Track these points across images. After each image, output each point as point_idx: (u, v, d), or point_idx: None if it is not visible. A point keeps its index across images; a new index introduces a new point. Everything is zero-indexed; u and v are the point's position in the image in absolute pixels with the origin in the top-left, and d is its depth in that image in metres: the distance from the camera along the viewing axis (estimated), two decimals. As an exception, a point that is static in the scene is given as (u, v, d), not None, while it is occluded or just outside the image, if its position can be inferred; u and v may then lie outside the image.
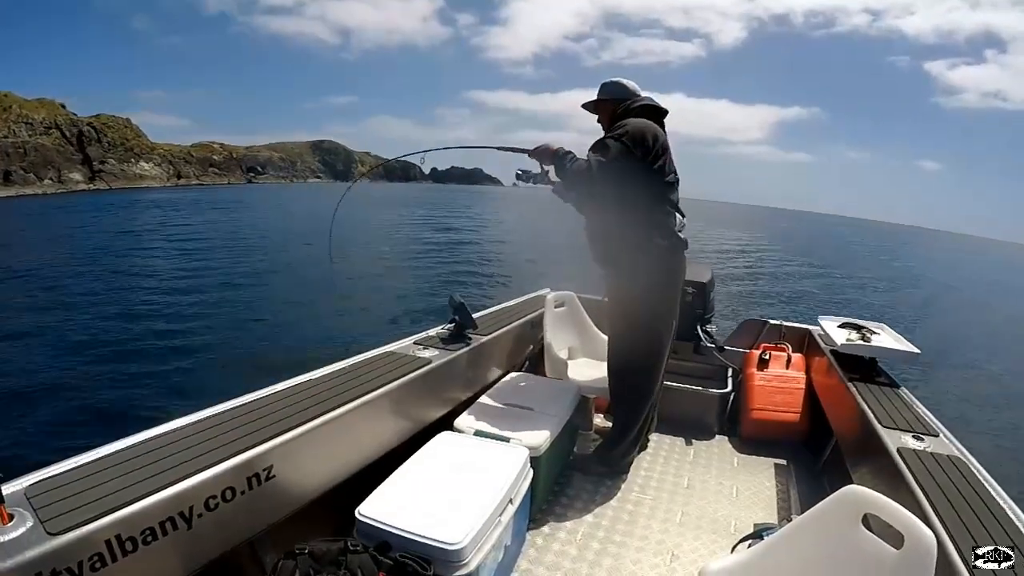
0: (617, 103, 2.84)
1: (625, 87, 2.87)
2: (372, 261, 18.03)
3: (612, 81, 2.90)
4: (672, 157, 2.74)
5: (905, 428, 2.40)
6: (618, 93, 2.87)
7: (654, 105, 2.80)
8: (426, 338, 3.06)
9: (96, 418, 6.51)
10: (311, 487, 2.01)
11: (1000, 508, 1.79)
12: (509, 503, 2.04)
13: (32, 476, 1.49)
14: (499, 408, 2.77)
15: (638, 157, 2.57)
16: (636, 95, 2.85)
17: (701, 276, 3.86)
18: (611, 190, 2.55)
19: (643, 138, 2.58)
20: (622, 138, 2.55)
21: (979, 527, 1.66)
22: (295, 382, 2.31)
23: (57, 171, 61.66)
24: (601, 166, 2.50)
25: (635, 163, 2.56)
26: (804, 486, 3.12)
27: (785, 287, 20.16)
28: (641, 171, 2.60)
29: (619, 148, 2.53)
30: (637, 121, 2.65)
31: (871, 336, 3.36)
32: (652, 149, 2.60)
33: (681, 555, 2.49)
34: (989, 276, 43.12)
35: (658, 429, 3.48)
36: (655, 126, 2.69)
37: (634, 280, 2.75)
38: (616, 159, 2.51)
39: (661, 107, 2.81)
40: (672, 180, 2.74)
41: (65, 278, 14.88)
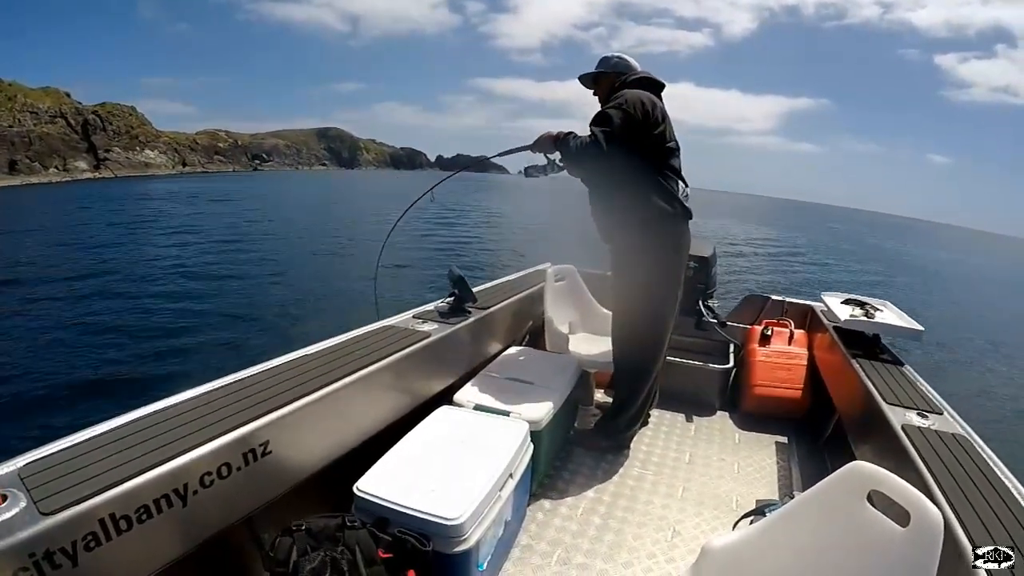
0: (616, 76, 2.83)
1: (626, 62, 2.87)
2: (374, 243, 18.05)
3: (610, 55, 2.90)
4: (672, 125, 2.73)
5: (909, 405, 2.38)
6: (619, 67, 2.87)
7: (651, 78, 2.79)
8: (425, 312, 3.04)
9: (90, 396, 6.56)
10: (308, 463, 2.00)
11: (1005, 487, 1.78)
12: (509, 478, 2.03)
13: (25, 456, 1.48)
14: (499, 382, 2.76)
15: (639, 123, 2.55)
16: (634, 69, 2.85)
17: (703, 251, 3.83)
18: (618, 158, 2.54)
19: (642, 105, 2.56)
20: (622, 106, 2.53)
21: (985, 506, 1.64)
22: (292, 356, 2.29)
23: (63, 160, 61.73)
24: (608, 136, 2.48)
25: (637, 129, 2.55)
26: (806, 463, 3.12)
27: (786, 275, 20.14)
28: (643, 138, 2.59)
29: (620, 115, 2.51)
30: (632, 90, 2.65)
31: (874, 312, 3.33)
32: (652, 115, 2.59)
33: (683, 531, 2.49)
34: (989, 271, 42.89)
35: (659, 405, 3.46)
36: (651, 94, 2.68)
37: (640, 249, 2.74)
38: (620, 126, 2.50)
39: (658, 80, 2.80)
40: (673, 146, 2.73)
41: (59, 261, 14.98)
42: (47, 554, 1.25)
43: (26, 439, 5.21)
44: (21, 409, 6.24)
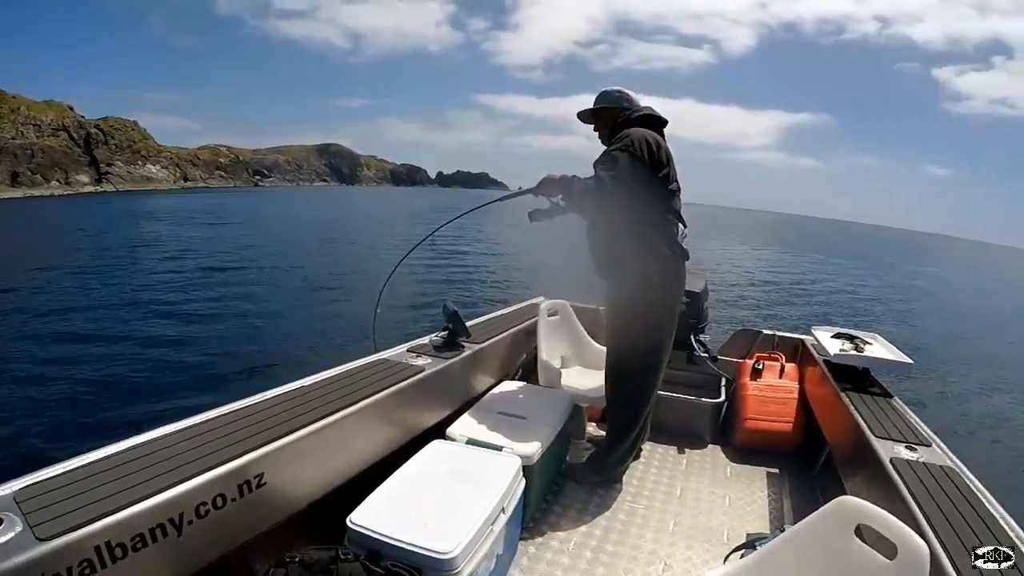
0: (616, 112, 2.83)
1: (628, 95, 2.85)
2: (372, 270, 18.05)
3: (610, 89, 2.89)
4: (675, 166, 2.73)
5: (898, 438, 2.40)
6: (620, 101, 2.85)
7: (655, 115, 2.78)
8: (419, 346, 3.07)
9: (87, 423, 6.50)
10: (302, 495, 2.02)
11: (993, 518, 1.79)
12: (501, 512, 2.04)
13: (22, 480, 1.49)
14: (492, 416, 2.77)
15: (646, 167, 2.56)
16: (635, 104, 2.84)
17: (695, 285, 3.84)
18: (622, 201, 2.53)
19: (648, 146, 2.56)
20: (628, 148, 2.53)
21: (972, 537, 1.66)
22: (287, 389, 2.31)
23: (64, 173, 61.93)
24: (615, 180, 2.48)
25: (643, 173, 2.55)
26: (797, 496, 3.12)
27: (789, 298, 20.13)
28: (648, 181, 2.59)
29: (628, 160, 2.51)
30: (640, 131, 2.63)
31: (864, 346, 3.37)
32: (657, 157, 2.59)
33: (674, 564, 2.49)
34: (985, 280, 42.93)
35: (651, 438, 3.48)
36: (656, 135, 2.68)
37: (636, 290, 2.74)
38: (628, 170, 2.50)
39: (662, 117, 2.79)
40: (675, 188, 2.74)
41: (55, 283, 14.93)
42: None
43: (21, 462, 5.21)
44: (15, 432, 6.21)
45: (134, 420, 6.39)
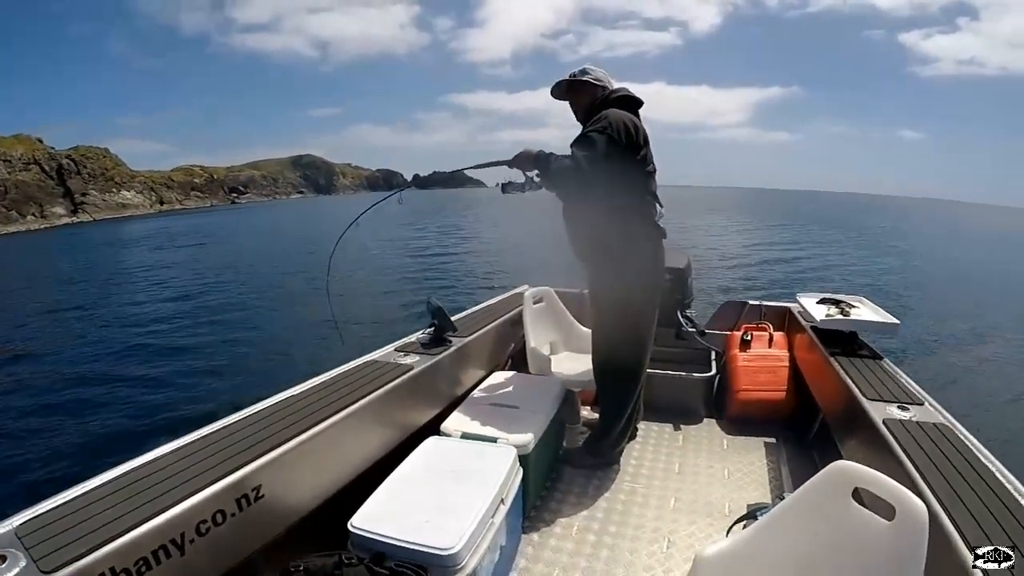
0: (594, 90, 2.80)
1: (599, 73, 2.83)
2: (352, 275, 17.99)
3: (586, 68, 2.85)
4: (651, 148, 2.73)
5: (889, 399, 2.41)
6: (594, 79, 2.82)
7: (631, 96, 2.77)
8: (407, 344, 3.07)
9: (81, 450, 6.47)
10: (302, 503, 2.02)
11: (989, 472, 1.81)
12: (501, 503, 2.05)
13: (21, 515, 1.48)
14: (484, 409, 2.78)
15: (623, 148, 2.55)
16: (610, 84, 2.83)
17: (678, 262, 3.85)
18: (600, 183, 2.53)
19: (626, 129, 2.56)
20: (606, 130, 2.52)
21: (970, 493, 1.67)
22: (278, 399, 2.31)
23: (39, 206, 61.26)
24: (590, 161, 2.47)
25: (620, 154, 2.55)
26: (795, 463, 3.15)
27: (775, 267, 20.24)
28: (626, 162, 2.60)
29: (605, 140, 2.50)
30: (618, 112, 2.62)
31: (850, 310, 3.39)
32: (634, 139, 2.59)
33: (677, 540, 2.51)
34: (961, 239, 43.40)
35: (645, 417, 3.50)
36: (633, 116, 2.68)
37: (618, 271, 2.74)
38: (604, 152, 2.49)
39: (638, 98, 2.78)
40: (652, 170, 2.75)
41: (43, 313, 14.83)
42: None
43: (20, 497, 5.16)
44: (11, 468, 6.16)
45: (127, 443, 6.34)
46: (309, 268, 19.03)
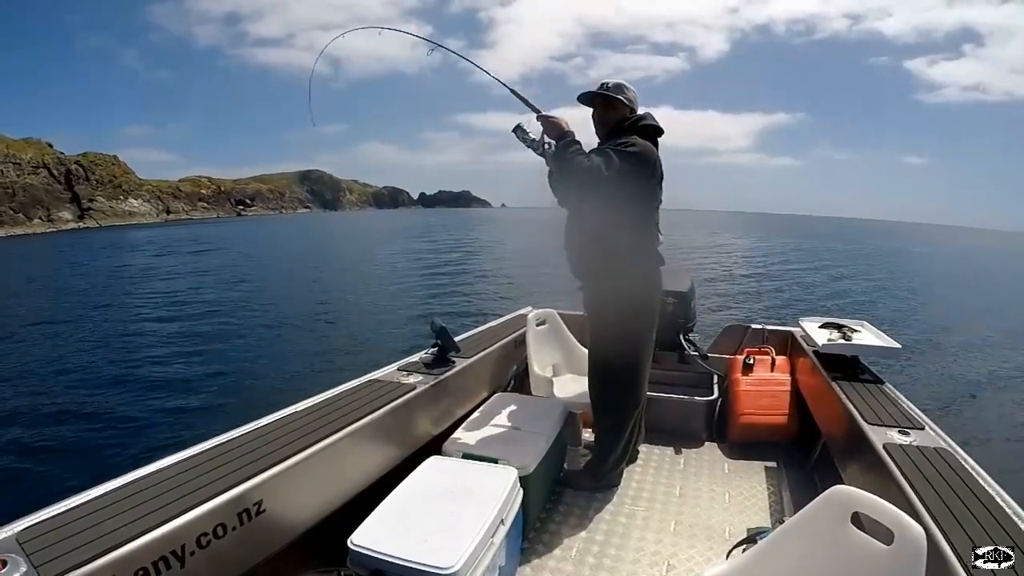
0: (626, 111, 2.78)
1: (635, 96, 2.81)
2: (356, 293, 18.03)
3: (628, 86, 2.81)
4: (663, 184, 2.77)
5: (890, 424, 2.41)
6: (632, 100, 2.80)
7: (656, 125, 2.76)
8: (409, 364, 3.07)
9: (85, 459, 6.45)
10: (302, 519, 2.02)
11: (989, 496, 1.81)
12: (501, 524, 2.04)
13: (23, 521, 1.49)
14: (486, 429, 2.78)
15: (643, 177, 2.61)
16: (638, 108, 2.82)
17: (681, 285, 3.87)
18: (614, 196, 2.53)
19: (648, 159, 2.61)
20: (633, 156, 2.54)
21: (969, 517, 1.67)
22: (281, 415, 2.32)
23: (47, 210, 61.58)
24: (608, 171, 2.46)
25: (636, 180, 2.58)
26: (796, 487, 3.14)
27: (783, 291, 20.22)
28: (640, 189, 2.64)
29: (629, 162, 2.52)
30: (645, 143, 2.64)
31: (852, 335, 3.40)
32: (654, 172, 2.66)
33: (677, 564, 2.50)
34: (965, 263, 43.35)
35: (647, 440, 3.48)
36: (655, 151, 2.70)
37: (614, 292, 2.75)
38: (623, 171, 2.49)
39: (660, 127, 2.77)
40: (658, 203, 2.80)
41: (52, 320, 14.84)
42: None
43: (22, 503, 5.14)
44: (14, 473, 6.15)
45: (131, 455, 6.33)
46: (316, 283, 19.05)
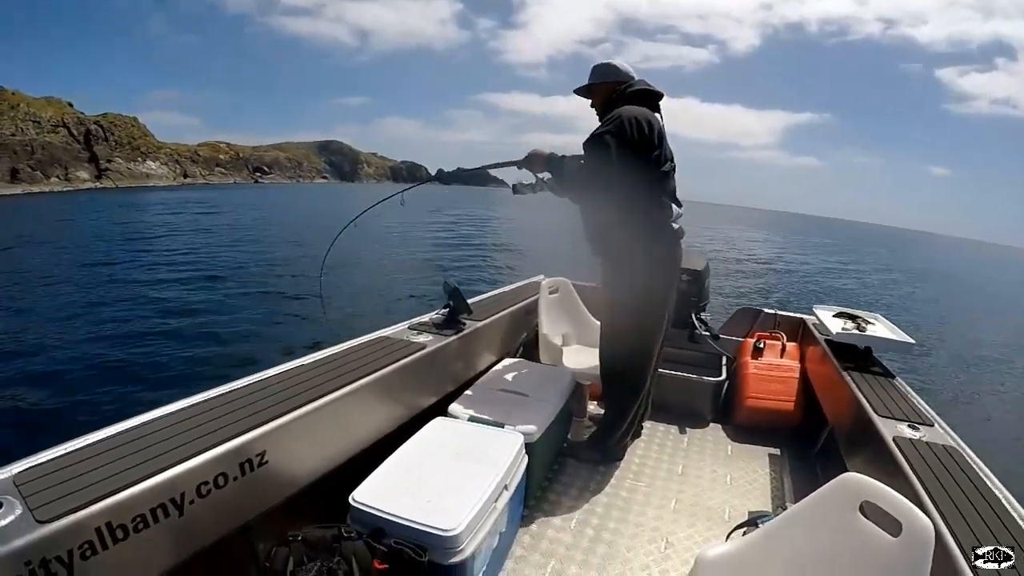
0: (611, 86, 2.75)
1: (617, 69, 2.77)
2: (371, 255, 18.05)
3: (604, 63, 2.80)
4: (668, 145, 2.67)
5: (900, 417, 2.39)
6: (610, 75, 2.77)
7: (649, 89, 2.71)
8: (420, 323, 3.05)
9: (87, 405, 6.49)
10: (305, 473, 2.02)
11: (996, 497, 1.79)
12: (504, 489, 2.04)
13: (21, 463, 1.48)
14: (493, 394, 2.78)
15: (634, 148, 2.49)
16: (630, 77, 2.75)
17: (696, 264, 3.84)
18: (613, 182, 2.49)
19: (638, 127, 2.49)
20: (616, 132, 2.47)
21: (975, 516, 1.66)
22: (288, 367, 2.30)
23: (64, 169, 61.79)
24: (602, 164, 2.44)
25: (633, 154, 2.49)
26: (798, 475, 3.13)
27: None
28: (637, 163, 2.53)
29: (615, 142, 2.45)
30: (631, 109, 2.55)
31: (866, 326, 3.36)
32: (648, 138, 2.52)
33: (675, 542, 2.50)
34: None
35: (651, 417, 3.47)
36: (649, 112, 2.60)
37: (629, 271, 2.72)
38: (616, 154, 2.44)
39: (656, 91, 2.71)
40: (668, 169, 2.68)
41: (55, 269, 14.98)
42: (43, 562, 1.25)
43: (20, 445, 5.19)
44: (13, 416, 6.20)
45: (134, 402, 6.36)
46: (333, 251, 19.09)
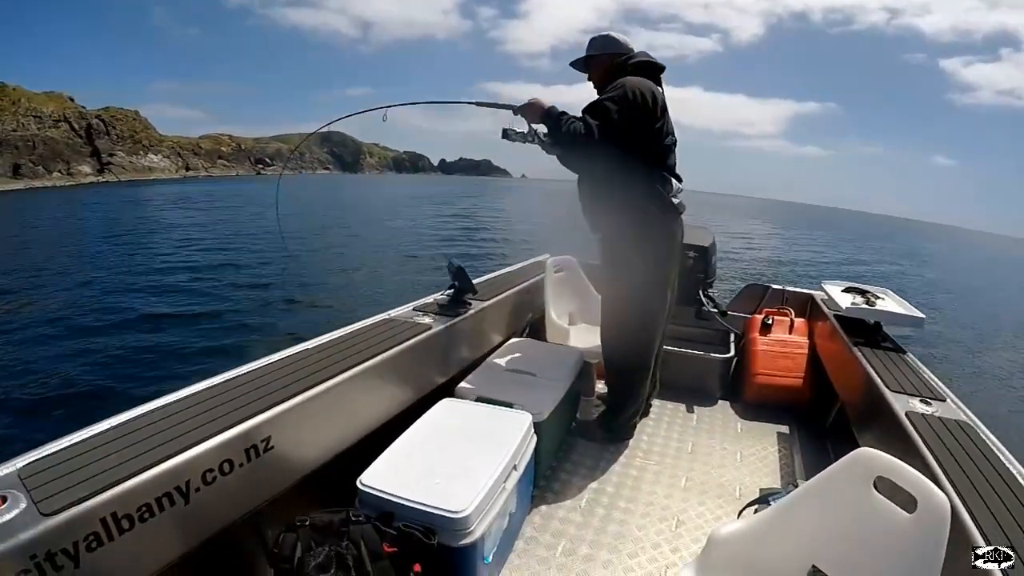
0: (610, 58, 2.69)
1: (616, 40, 2.71)
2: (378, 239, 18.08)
3: (602, 35, 2.74)
4: (670, 118, 2.62)
5: (912, 392, 2.36)
6: (609, 47, 2.70)
7: (651, 61, 2.64)
8: (425, 304, 3.02)
9: (89, 396, 6.51)
10: (311, 458, 2.00)
11: (1010, 473, 1.77)
12: (513, 470, 2.03)
13: (25, 457, 1.46)
14: (501, 374, 2.76)
15: (636, 118, 2.44)
16: (629, 49, 2.69)
17: (703, 240, 3.81)
18: (611, 153, 2.43)
19: (642, 98, 2.43)
20: (620, 100, 2.41)
21: (990, 491, 1.64)
22: (293, 351, 2.27)
23: (66, 164, 61.86)
24: (602, 130, 2.37)
25: (635, 124, 2.45)
26: (808, 451, 3.11)
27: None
28: (639, 133, 2.48)
29: (617, 110, 2.39)
30: (633, 80, 2.49)
31: (875, 301, 3.32)
32: (650, 109, 2.47)
33: (687, 520, 2.49)
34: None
35: (660, 395, 3.45)
36: (652, 84, 2.54)
37: (626, 246, 2.67)
38: (617, 121, 2.38)
39: (658, 63, 2.65)
40: (670, 143, 2.63)
41: (58, 262, 15.12)
42: (48, 555, 1.23)
43: (25, 440, 5.22)
44: (18, 410, 6.22)
45: (136, 392, 6.40)
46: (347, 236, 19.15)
